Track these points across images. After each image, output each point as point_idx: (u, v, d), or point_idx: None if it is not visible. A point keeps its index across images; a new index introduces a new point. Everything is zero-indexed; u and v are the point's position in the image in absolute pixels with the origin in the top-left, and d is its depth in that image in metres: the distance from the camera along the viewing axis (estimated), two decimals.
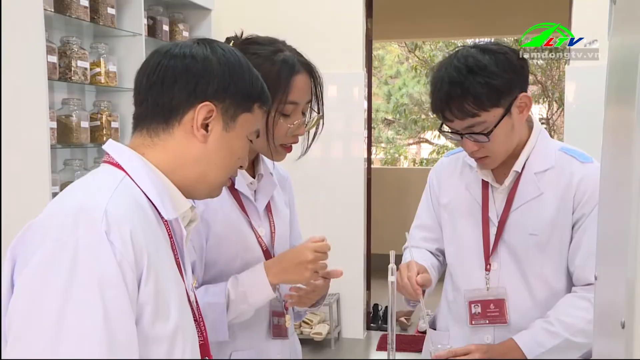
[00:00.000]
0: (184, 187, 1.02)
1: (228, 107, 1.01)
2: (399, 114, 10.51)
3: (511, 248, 1.52)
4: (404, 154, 11.21)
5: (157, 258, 0.91)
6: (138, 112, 1.03)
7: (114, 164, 0.98)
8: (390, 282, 1.38)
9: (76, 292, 0.82)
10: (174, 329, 0.91)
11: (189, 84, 0.99)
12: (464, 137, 1.46)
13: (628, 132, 0.72)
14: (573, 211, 1.48)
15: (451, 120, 1.45)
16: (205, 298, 1.31)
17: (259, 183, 1.45)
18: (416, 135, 11.24)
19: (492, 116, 1.41)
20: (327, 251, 1.33)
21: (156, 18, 3.55)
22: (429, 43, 9.58)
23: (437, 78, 1.46)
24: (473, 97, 1.39)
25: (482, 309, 1.53)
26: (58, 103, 2.90)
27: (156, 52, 1.03)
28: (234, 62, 1.03)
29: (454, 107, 1.42)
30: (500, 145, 1.46)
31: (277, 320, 1.45)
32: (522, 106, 1.45)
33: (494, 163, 1.50)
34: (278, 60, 1.32)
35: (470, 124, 1.42)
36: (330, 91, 4.18)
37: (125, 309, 0.84)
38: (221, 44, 1.06)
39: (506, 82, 1.41)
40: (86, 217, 0.85)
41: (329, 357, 4.07)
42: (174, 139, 1.00)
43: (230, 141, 1.03)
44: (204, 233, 1.35)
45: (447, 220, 1.63)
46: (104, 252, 0.84)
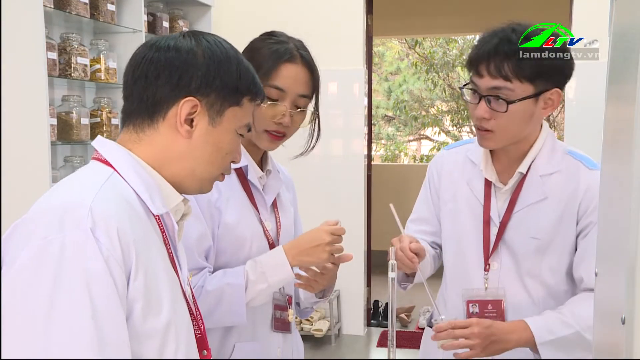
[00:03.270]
0: (174, 182, 1.01)
1: (213, 102, 0.99)
2: (399, 111, 10.51)
3: (511, 250, 1.50)
4: (404, 150, 11.20)
5: (147, 254, 0.91)
6: (125, 107, 1.02)
7: (102, 160, 0.98)
8: (391, 279, 1.38)
9: (63, 290, 0.81)
10: (166, 324, 0.91)
11: (172, 78, 0.97)
12: (482, 100, 1.42)
13: (628, 129, 0.72)
14: (578, 218, 1.46)
15: (482, 75, 1.41)
16: (224, 279, 1.33)
17: (267, 178, 1.47)
18: (416, 132, 11.23)
19: (521, 89, 1.38)
20: (342, 234, 1.35)
21: (156, 14, 3.54)
22: (429, 39, 9.57)
23: (488, 32, 1.43)
24: (516, 61, 1.36)
25: (479, 309, 1.52)
26: (58, 100, 2.90)
27: (144, 45, 1.02)
28: (219, 55, 1.00)
29: (492, 62, 1.38)
30: (511, 124, 1.42)
31: (279, 314, 1.47)
32: (549, 102, 1.43)
33: (496, 143, 1.47)
34: (274, 47, 1.37)
35: (498, 85, 1.39)
36: (330, 88, 4.18)
37: (114, 305, 0.84)
38: (209, 36, 1.03)
39: (553, 67, 1.39)
40: (72, 215, 0.85)
41: (330, 354, 4.08)
42: (159, 135, 0.99)
43: (217, 136, 1.01)
44: (217, 220, 1.36)
45: (447, 215, 1.62)
46: (90, 249, 0.83)
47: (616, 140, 0.82)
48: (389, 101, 10.87)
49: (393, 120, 11.18)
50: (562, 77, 1.43)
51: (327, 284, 1.43)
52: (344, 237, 1.37)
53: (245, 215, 1.40)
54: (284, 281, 1.36)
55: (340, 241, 1.36)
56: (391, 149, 10.96)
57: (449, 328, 1.40)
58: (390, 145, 11.02)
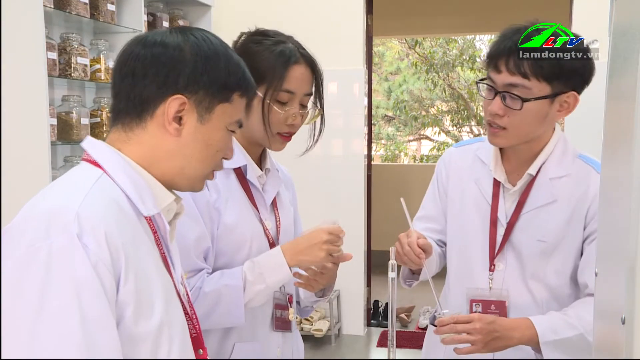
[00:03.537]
0: (164, 181, 1.00)
1: (202, 99, 0.97)
2: (399, 111, 10.51)
3: (517, 251, 1.50)
4: (404, 150, 11.20)
5: (137, 256, 0.90)
6: (113, 105, 1.00)
7: (91, 161, 0.96)
8: (391, 279, 1.38)
9: (51, 298, 0.80)
10: (158, 326, 0.90)
11: (159, 76, 0.95)
12: (497, 96, 1.41)
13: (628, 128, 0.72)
14: (585, 223, 1.46)
15: (500, 71, 1.40)
16: (222, 281, 1.32)
17: (266, 177, 1.47)
18: (416, 132, 11.23)
19: (538, 88, 1.38)
20: (339, 233, 1.35)
21: (156, 14, 3.54)
22: (429, 39, 9.57)
23: (510, 28, 1.42)
24: (535, 60, 1.36)
25: (482, 309, 1.51)
26: (58, 100, 2.90)
27: (131, 41, 1.00)
28: (207, 51, 0.98)
29: (512, 58, 1.37)
30: (524, 123, 1.41)
31: (280, 313, 1.47)
32: (564, 104, 1.42)
33: (507, 140, 1.46)
34: (277, 50, 1.36)
35: (514, 82, 1.38)
36: (330, 88, 4.18)
37: (103, 310, 0.83)
38: (197, 31, 1.01)
39: (572, 68, 1.38)
40: (58, 221, 0.83)
41: (329, 354, 4.08)
42: (147, 133, 0.97)
43: (206, 133, 0.99)
44: (216, 221, 1.36)
45: (453, 214, 1.61)
46: (77, 255, 0.82)
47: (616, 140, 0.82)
48: (389, 101, 10.87)
49: (393, 120, 11.18)
50: (581, 81, 1.41)
51: (327, 283, 1.43)
52: (345, 237, 1.37)
53: (245, 215, 1.40)
54: (282, 282, 1.36)
55: (338, 240, 1.35)
56: (391, 149, 10.96)
57: (451, 322, 1.39)
58: (390, 145, 11.02)
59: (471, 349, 1.39)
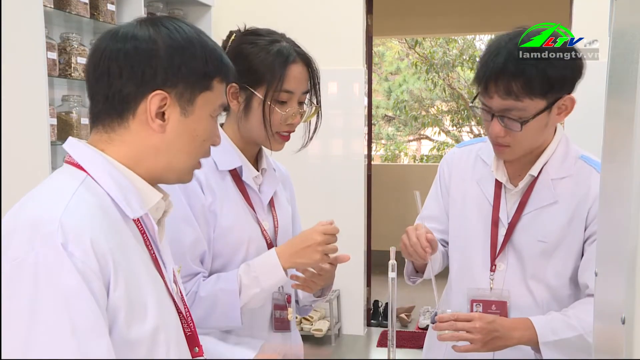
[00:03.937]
0: (151, 177, 0.98)
1: (183, 91, 0.95)
2: (399, 111, 10.50)
3: (518, 251, 1.50)
4: (404, 150, 11.20)
5: (125, 261, 0.88)
6: (91, 107, 0.97)
7: (74, 164, 0.94)
8: (391, 279, 1.38)
9: (42, 311, 0.79)
10: (153, 329, 0.89)
11: (136, 74, 0.92)
12: (495, 119, 1.40)
13: (628, 127, 0.72)
14: (586, 224, 1.45)
15: (491, 96, 1.38)
16: (218, 285, 1.32)
17: (263, 177, 1.47)
18: (416, 132, 11.23)
19: (533, 106, 1.36)
20: (335, 234, 1.34)
21: (156, 14, 3.54)
22: (429, 39, 9.56)
23: (494, 47, 1.38)
24: (524, 80, 1.33)
25: (483, 309, 1.51)
26: (58, 100, 2.90)
27: (102, 36, 0.97)
28: (181, 41, 0.95)
29: (501, 82, 1.35)
30: (527, 139, 1.41)
31: (279, 314, 1.46)
32: (562, 108, 1.41)
33: (513, 155, 1.46)
34: (274, 50, 1.35)
35: (509, 106, 1.36)
36: (330, 88, 4.18)
37: (94, 319, 0.81)
38: (167, 21, 0.97)
39: (562, 77, 1.36)
40: (41, 231, 0.81)
41: (329, 354, 4.08)
42: (130, 133, 0.95)
43: (191, 125, 0.97)
44: (212, 224, 1.36)
45: (455, 214, 1.61)
46: (64, 265, 0.80)
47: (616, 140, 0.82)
48: (389, 101, 10.86)
49: (393, 120, 11.17)
50: (572, 83, 1.40)
51: (325, 284, 1.43)
52: (344, 237, 1.36)
53: (241, 216, 1.39)
54: (277, 285, 1.36)
55: (334, 241, 1.34)
56: (391, 149, 10.95)
57: (451, 319, 1.39)
58: (390, 145, 11.02)
59: (470, 347, 1.39)
